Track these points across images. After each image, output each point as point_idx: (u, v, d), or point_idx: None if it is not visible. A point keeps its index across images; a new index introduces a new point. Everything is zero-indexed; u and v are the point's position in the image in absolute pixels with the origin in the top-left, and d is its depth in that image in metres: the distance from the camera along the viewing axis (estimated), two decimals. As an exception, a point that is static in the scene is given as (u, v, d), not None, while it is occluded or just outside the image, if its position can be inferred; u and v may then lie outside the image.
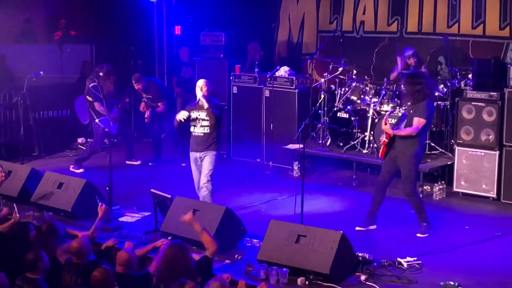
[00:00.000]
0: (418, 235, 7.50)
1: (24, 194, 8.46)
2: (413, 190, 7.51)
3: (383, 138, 7.54)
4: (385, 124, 7.40)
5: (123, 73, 11.74)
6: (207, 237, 6.19)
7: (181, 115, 7.92)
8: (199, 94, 7.95)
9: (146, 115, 10.60)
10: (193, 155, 8.04)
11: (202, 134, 7.93)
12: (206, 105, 7.88)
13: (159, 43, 13.20)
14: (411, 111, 7.36)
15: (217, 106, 8.01)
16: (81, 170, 10.36)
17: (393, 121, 7.96)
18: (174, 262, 5.51)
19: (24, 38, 12.52)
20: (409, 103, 7.61)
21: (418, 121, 7.24)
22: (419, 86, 7.33)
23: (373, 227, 7.68)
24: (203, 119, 7.91)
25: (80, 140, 12.13)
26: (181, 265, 5.51)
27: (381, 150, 7.62)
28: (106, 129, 10.26)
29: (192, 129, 8.01)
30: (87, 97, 10.43)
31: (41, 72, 10.89)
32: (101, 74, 10.38)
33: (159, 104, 10.53)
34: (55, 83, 12.06)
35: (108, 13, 12.78)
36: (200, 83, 8.00)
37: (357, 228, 7.64)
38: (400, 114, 7.92)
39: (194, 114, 7.94)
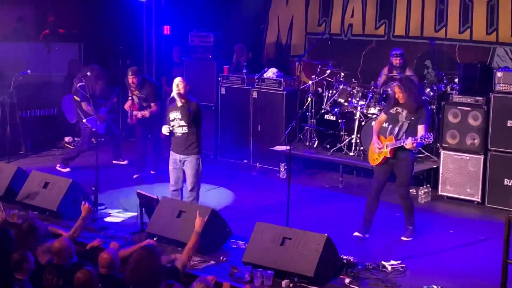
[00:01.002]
0: (403, 238, 7.54)
1: (9, 193, 8.43)
2: (409, 193, 7.62)
3: (385, 150, 7.37)
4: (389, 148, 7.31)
5: (111, 72, 11.71)
6: (193, 241, 6.24)
7: (164, 131, 7.83)
8: (174, 91, 7.72)
9: (130, 115, 9.98)
10: (172, 155, 7.86)
11: (180, 134, 7.75)
12: (179, 103, 7.69)
13: (147, 43, 13.16)
14: (413, 118, 7.27)
15: (193, 104, 7.74)
16: (67, 170, 10.33)
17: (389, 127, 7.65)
18: (140, 265, 5.48)
19: (16, 37, 12.43)
20: (402, 108, 7.37)
21: (423, 128, 7.22)
22: (415, 90, 7.33)
23: (367, 235, 7.62)
24: (180, 119, 7.73)
25: (67, 139, 12.09)
26: (146, 269, 5.46)
27: (380, 160, 7.45)
28: (93, 129, 10.25)
29: (171, 129, 7.83)
30: (75, 96, 10.38)
31: (28, 71, 10.86)
32: (88, 74, 10.35)
33: (152, 104, 9.89)
34: (42, 81, 12.00)
35: (97, 12, 12.73)
36: (177, 80, 7.77)
37: (355, 234, 7.61)
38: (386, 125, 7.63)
39: (172, 115, 7.81)
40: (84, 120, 10.29)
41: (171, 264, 6.04)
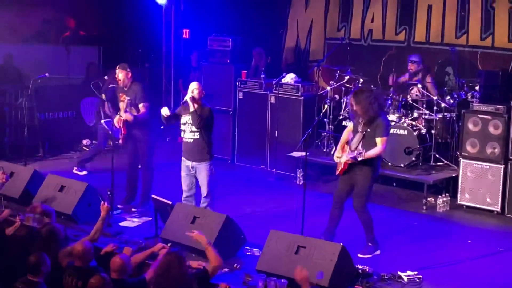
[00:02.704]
0: (359, 255, 7.07)
1: (25, 196, 8.45)
2: (364, 206, 7.22)
3: (341, 160, 7.20)
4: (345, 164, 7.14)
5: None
6: (213, 253, 6.06)
7: (164, 110, 7.61)
8: (188, 95, 7.58)
9: (121, 134, 8.61)
10: (184, 162, 7.77)
11: (191, 140, 7.65)
12: (192, 108, 7.57)
13: (166, 47, 13.19)
14: (368, 130, 7.07)
15: (205, 110, 7.61)
16: (84, 172, 10.35)
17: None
18: (168, 271, 5.45)
19: (38, 39, 12.49)
20: (360, 120, 7.18)
21: (382, 141, 7.01)
22: (366, 101, 7.03)
23: None
24: (191, 124, 7.60)
25: (85, 141, 12.12)
26: (175, 274, 5.44)
27: (340, 168, 7.25)
28: (109, 132, 10.22)
29: (182, 134, 7.74)
30: (102, 95, 10.11)
31: (47, 74, 10.89)
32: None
33: (140, 105, 8.47)
34: (61, 84, 12.06)
35: (117, 15, 12.78)
36: (193, 85, 7.66)
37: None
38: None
39: (184, 118, 7.72)
40: (102, 121, 10.24)
41: (203, 267, 6.00)
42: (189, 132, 7.66)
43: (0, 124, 11.48)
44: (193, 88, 7.64)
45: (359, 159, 6.96)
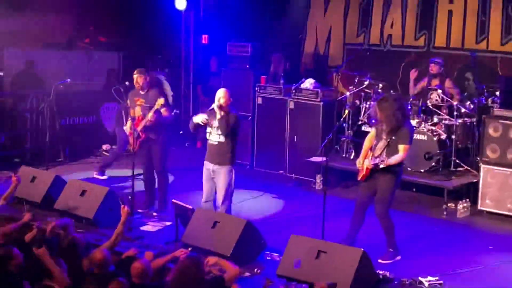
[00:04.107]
0: (380, 260, 7.05)
1: (47, 200, 8.53)
2: (387, 212, 7.20)
3: (363, 166, 7.18)
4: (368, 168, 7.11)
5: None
6: (227, 263, 6.05)
7: (200, 118, 7.68)
8: (215, 103, 7.63)
9: (131, 141, 8.49)
10: (206, 165, 7.78)
11: (216, 143, 7.68)
12: (218, 116, 7.62)
13: (185, 52, 13.26)
14: (393, 138, 7.05)
15: (232, 117, 7.65)
16: (105, 177, 10.41)
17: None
18: (185, 275, 5.44)
19: (61, 45, 12.60)
20: (384, 127, 7.16)
21: (404, 148, 7.01)
22: (391, 110, 7.03)
23: None
24: (217, 127, 7.66)
25: (105, 146, 12.19)
26: (191, 279, 5.43)
27: (362, 174, 7.24)
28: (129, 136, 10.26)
29: (207, 136, 7.77)
30: (128, 101, 10.09)
31: (68, 80, 10.97)
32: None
33: (163, 109, 8.46)
34: (81, 90, 12.16)
35: (136, 21, 12.87)
36: (220, 92, 7.66)
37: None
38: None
39: (211, 123, 7.74)
40: (124, 127, 10.26)
41: (219, 274, 6.01)
42: (215, 134, 7.68)
43: (22, 129, 11.62)
44: (220, 97, 7.65)
45: (381, 166, 6.96)
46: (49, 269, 5.77)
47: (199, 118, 7.69)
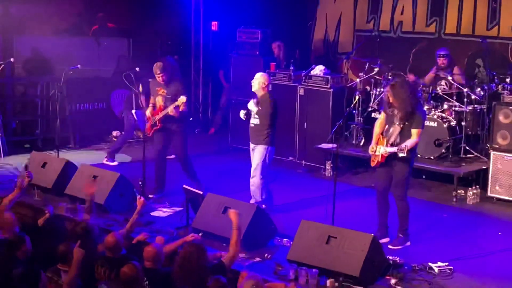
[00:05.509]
0: (390, 246, 7.12)
1: (58, 186, 8.58)
2: (405, 195, 7.25)
3: (377, 153, 7.13)
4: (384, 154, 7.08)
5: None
6: (235, 238, 6.13)
7: (241, 115, 8.37)
8: (253, 87, 8.25)
9: (148, 125, 8.80)
10: (250, 145, 8.37)
11: (253, 125, 8.22)
12: (256, 99, 8.21)
13: (195, 39, 13.25)
14: (406, 123, 7.05)
15: (266, 101, 8.14)
16: (115, 163, 10.45)
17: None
18: (187, 261, 5.51)
19: (70, 31, 12.60)
20: (396, 112, 7.15)
21: (417, 132, 7.01)
22: (403, 95, 7.02)
23: (385, 240, 7.23)
24: (255, 111, 8.19)
25: (114, 133, 12.22)
26: (193, 265, 5.49)
27: (375, 162, 7.19)
28: (137, 122, 10.27)
29: (251, 119, 8.30)
30: (140, 87, 9.65)
31: (79, 66, 10.97)
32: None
33: (180, 99, 8.59)
34: (91, 76, 12.18)
35: (146, 7, 12.86)
36: (256, 76, 8.30)
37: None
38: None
39: (250, 106, 8.28)
40: (133, 111, 10.26)
41: (218, 260, 6.05)
42: (253, 118, 8.25)
43: (32, 115, 11.67)
44: (254, 80, 8.30)
45: (401, 155, 6.95)
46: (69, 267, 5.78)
47: (241, 115, 8.38)
